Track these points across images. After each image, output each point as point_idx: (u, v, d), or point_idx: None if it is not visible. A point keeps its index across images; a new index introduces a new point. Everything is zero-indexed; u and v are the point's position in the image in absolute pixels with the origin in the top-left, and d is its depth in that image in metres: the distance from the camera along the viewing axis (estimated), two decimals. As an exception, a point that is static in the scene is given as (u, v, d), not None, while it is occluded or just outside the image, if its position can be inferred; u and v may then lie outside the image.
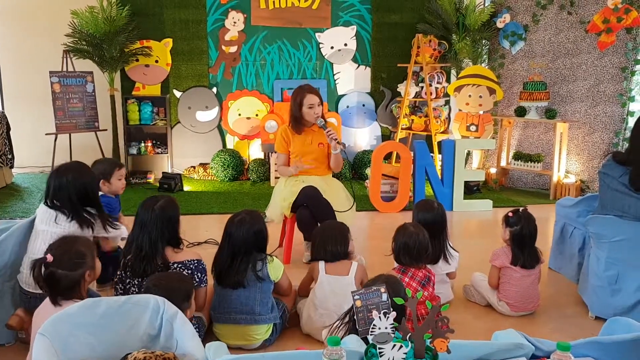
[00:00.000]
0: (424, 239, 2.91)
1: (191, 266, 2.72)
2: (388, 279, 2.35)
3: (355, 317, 1.83)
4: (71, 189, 2.80)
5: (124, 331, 1.94)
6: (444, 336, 1.49)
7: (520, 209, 3.30)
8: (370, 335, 1.48)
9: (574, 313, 3.31)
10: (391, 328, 1.46)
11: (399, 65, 7.13)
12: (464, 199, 5.78)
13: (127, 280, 2.67)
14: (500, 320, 3.19)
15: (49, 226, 2.79)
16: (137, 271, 2.66)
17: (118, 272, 2.73)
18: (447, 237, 3.36)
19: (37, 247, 2.74)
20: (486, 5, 7.06)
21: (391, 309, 1.64)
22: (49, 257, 2.29)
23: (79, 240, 2.49)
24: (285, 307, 2.98)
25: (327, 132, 3.98)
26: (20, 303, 2.77)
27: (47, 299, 2.36)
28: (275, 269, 2.81)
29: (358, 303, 1.81)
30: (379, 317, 1.44)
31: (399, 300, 1.57)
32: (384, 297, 1.84)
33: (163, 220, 2.73)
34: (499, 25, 6.74)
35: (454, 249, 3.39)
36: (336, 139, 3.97)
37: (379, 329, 1.45)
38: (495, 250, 3.29)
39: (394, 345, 1.46)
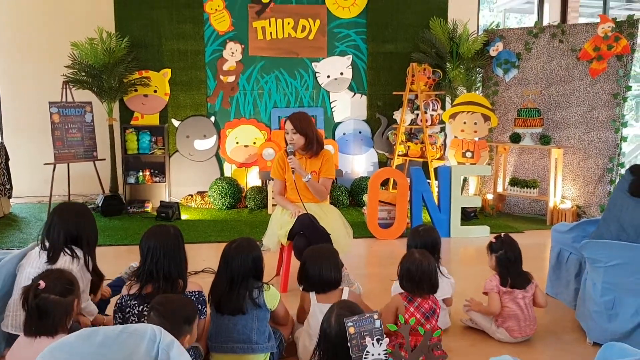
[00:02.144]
0: (427, 267, 2.91)
1: (192, 298, 2.71)
2: (340, 304, 2.40)
3: (348, 344, 1.83)
4: (62, 229, 2.77)
5: (121, 360, 1.93)
6: (437, 362, 1.51)
7: (502, 234, 3.37)
8: (364, 361, 1.49)
9: (572, 339, 3.31)
10: (384, 354, 1.47)
11: (394, 93, 7.22)
12: (461, 225, 5.79)
13: (127, 310, 2.66)
14: (497, 347, 3.19)
15: (33, 267, 2.73)
16: None
17: (117, 301, 2.72)
18: (439, 261, 3.38)
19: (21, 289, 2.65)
20: (479, 34, 7.19)
21: (384, 336, 1.65)
22: (42, 284, 2.29)
23: (65, 272, 2.51)
24: (282, 337, 2.98)
25: (288, 159, 4.05)
26: (7, 344, 2.73)
27: (20, 339, 2.34)
28: (271, 297, 2.81)
29: (351, 330, 1.81)
30: (372, 344, 1.45)
31: (392, 327, 1.58)
32: (377, 323, 1.85)
33: (181, 248, 2.76)
34: (492, 53, 6.85)
35: (449, 275, 3.41)
36: (293, 168, 4.02)
37: (372, 355, 1.47)
38: (487, 279, 3.31)
39: (388, 371, 1.47)
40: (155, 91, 7.09)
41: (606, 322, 3.10)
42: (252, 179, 7.35)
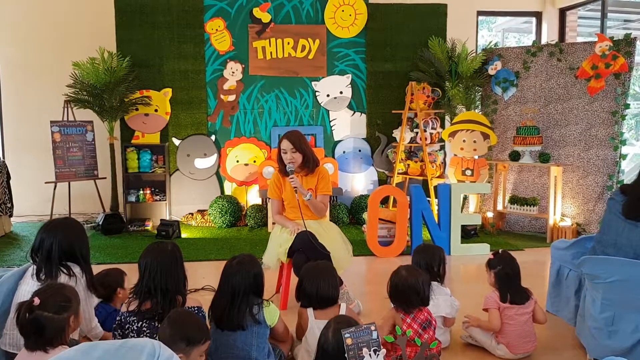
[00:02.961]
0: (414, 282, 2.93)
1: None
2: (337, 319, 2.39)
3: (346, 355, 1.83)
4: (54, 244, 2.76)
5: (120, 376, 1.93)
6: (435, 374, 1.51)
7: (500, 250, 3.40)
8: (362, 373, 1.50)
9: (572, 356, 3.30)
10: (382, 366, 1.48)
11: (393, 111, 7.26)
12: (462, 243, 5.78)
13: (127, 326, 2.66)
14: (498, 363, 3.19)
15: (28, 285, 2.73)
16: (163, 316, 2.60)
17: (117, 318, 2.72)
18: (442, 278, 3.44)
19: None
20: (478, 53, 7.25)
21: (381, 347, 1.65)
22: (36, 300, 2.29)
23: (65, 287, 2.50)
24: (282, 353, 2.97)
25: (290, 178, 4.03)
26: None
27: (22, 352, 2.33)
28: (271, 313, 2.82)
29: (349, 341, 1.82)
30: (369, 355, 1.45)
31: (389, 339, 1.58)
32: (374, 334, 1.85)
33: (179, 265, 2.76)
34: (491, 72, 6.90)
35: (448, 292, 3.42)
36: (295, 187, 4.02)
37: (370, 367, 1.47)
38: (487, 296, 3.32)
39: (386, 384, 1.47)
40: (156, 110, 7.13)
41: (606, 339, 3.09)
42: (252, 197, 7.36)
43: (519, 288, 3.27)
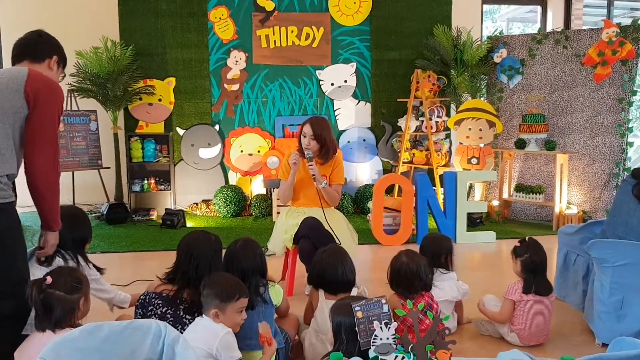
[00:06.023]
0: (415, 267, 2.92)
1: None
2: (337, 304, 2.37)
3: (356, 328, 1.81)
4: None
5: (126, 356, 1.91)
6: (446, 347, 1.48)
7: (527, 238, 3.34)
8: (372, 346, 1.47)
9: (581, 341, 3.27)
10: (393, 339, 1.45)
11: (398, 100, 7.22)
12: (467, 231, 5.76)
13: (150, 308, 2.63)
14: (506, 348, 3.16)
15: (32, 268, 2.75)
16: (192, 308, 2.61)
17: (141, 297, 2.70)
18: (451, 267, 3.46)
19: None
20: (483, 41, 7.20)
21: (392, 320, 1.63)
22: (49, 279, 2.30)
23: (77, 270, 2.55)
24: (288, 336, 2.96)
25: (309, 165, 4.01)
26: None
27: (32, 333, 2.34)
28: (276, 293, 2.84)
29: (359, 314, 1.79)
30: (380, 328, 1.43)
31: (400, 312, 1.57)
32: (385, 308, 1.83)
33: (220, 257, 2.78)
34: (496, 60, 6.85)
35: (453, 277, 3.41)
36: (313, 175, 4.01)
37: (381, 339, 1.45)
38: (510, 285, 3.26)
39: (396, 356, 1.46)
40: (159, 100, 7.11)
41: (615, 323, 3.07)
42: (256, 187, 7.34)
43: (544, 279, 3.19)
